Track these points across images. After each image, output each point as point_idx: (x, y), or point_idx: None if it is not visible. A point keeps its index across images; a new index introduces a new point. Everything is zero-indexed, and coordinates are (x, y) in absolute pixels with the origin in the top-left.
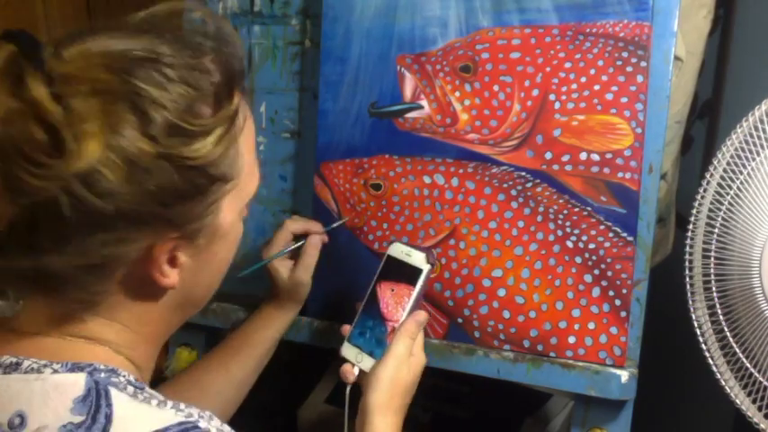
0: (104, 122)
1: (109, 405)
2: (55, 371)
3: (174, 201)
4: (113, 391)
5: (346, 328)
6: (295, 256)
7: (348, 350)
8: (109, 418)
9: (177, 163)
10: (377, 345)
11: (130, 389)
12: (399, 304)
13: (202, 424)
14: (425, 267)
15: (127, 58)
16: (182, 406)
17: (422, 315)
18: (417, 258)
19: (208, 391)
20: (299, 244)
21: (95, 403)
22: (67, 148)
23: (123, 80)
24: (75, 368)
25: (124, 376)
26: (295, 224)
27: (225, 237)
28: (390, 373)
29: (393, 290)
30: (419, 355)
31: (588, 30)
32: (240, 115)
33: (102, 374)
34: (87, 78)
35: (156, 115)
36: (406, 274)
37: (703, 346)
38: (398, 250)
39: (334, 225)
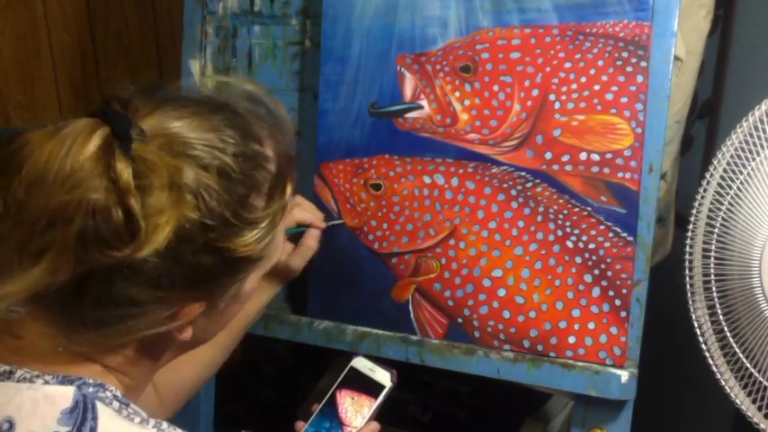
0: (174, 216)
1: (94, 418)
2: (46, 382)
3: (210, 279)
4: (99, 406)
5: (300, 425)
6: (292, 239)
7: None
8: (93, 431)
9: (224, 253)
10: None
11: (116, 404)
12: (359, 412)
13: None
14: (388, 385)
15: (198, 147)
16: (164, 425)
17: (376, 426)
18: (381, 375)
19: (190, 355)
20: (300, 230)
21: (82, 416)
22: (141, 236)
23: (195, 173)
24: (66, 381)
25: (111, 391)
26: (302, 214)
27: (242, 299)
28: None
29: (353, 398)
30: None
31: (588, 30)
32: (288, 204)
33: (91, 389)
34: (164, 168)
35: (217, 208)
36: (367, 386)
37: (703, 346)
38: (362, 364)
39: (335, 223)
